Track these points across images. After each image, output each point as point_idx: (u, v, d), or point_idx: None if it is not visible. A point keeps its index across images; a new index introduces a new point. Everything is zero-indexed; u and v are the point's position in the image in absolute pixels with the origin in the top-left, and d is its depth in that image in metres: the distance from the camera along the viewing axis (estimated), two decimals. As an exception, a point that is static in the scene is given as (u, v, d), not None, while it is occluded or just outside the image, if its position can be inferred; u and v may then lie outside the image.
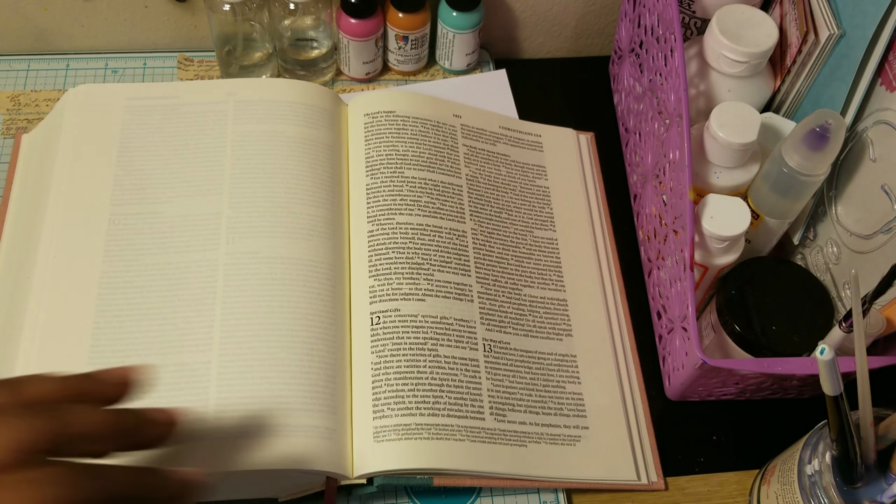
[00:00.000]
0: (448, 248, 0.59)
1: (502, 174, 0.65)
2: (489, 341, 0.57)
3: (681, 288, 0.55)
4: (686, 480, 0.58)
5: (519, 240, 0.63)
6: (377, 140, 0.63)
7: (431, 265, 0.58)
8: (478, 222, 0.62)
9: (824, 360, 0.42)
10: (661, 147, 0.60)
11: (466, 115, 0.67)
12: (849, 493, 0.47)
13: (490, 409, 0.54)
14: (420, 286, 0.56)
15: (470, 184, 0.63)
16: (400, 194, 0.60)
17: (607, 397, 0.58)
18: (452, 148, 0.64)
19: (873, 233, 0.55)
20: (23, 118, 0.68)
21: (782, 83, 0.63)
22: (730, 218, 0.55)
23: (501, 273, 0.60)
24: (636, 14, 0.67)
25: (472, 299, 0.58)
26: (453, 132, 0.65)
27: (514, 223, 0.63)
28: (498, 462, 0.53)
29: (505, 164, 0.66)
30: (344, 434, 0.51)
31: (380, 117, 0.64)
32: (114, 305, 0.53)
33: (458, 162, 0.64)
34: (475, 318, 0.57)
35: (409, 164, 0.62)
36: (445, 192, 0.61)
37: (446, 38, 0.72)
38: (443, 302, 0.56)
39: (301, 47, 0.70)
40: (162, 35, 0.73)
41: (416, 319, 0.55)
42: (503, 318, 0.58)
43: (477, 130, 0.67)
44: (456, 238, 0.60)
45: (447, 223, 0.60)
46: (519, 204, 0.65)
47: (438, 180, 0.62)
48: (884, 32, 0.53)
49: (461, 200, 0.62)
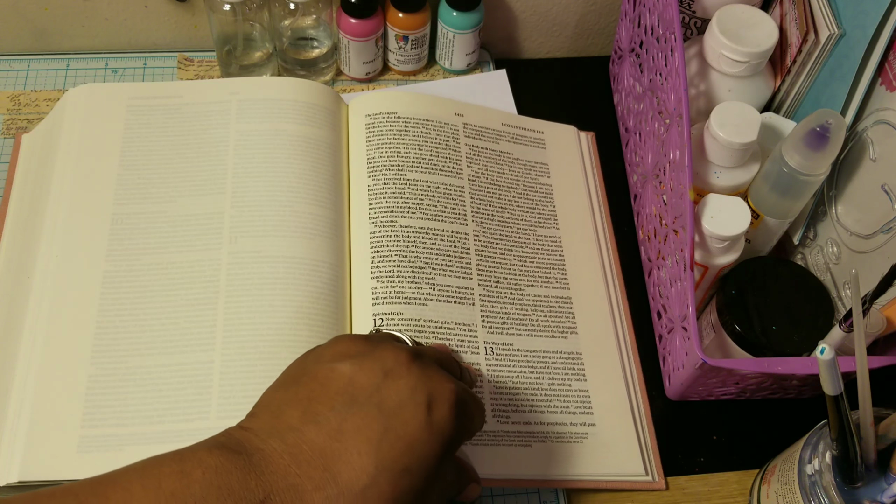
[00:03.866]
0: (450, 251, 0.59)
1: (505, 172, 0.65)
2: (491, 344, 0.57)
3: (681, 288, 0.55)
4: (686, 480, 0.58)
5: (522, 239, 0.63)
6: (379, 141, 0.62)
7: (433, 269, 0.58)
8: (480, 223, 0.62)
9: (824, 360, 0.42)
10: (662, 147, 0.60)
11: (468, 113, 0.67)
12: (849, 493, 0.47)
13: (493, 412, 0.54)
14: (422, 290, 0.56)
15: (472, 184, 0.63)
16: (402, 197, 0.60)
17: (613, 394, 0.58)
18: (454, 148, 0.64)
19: (873, 233, 0.55)
20: (23, 118, 0.68)
21: (782, 83, 0.63)
22: (730, 218, 0.55)
23: (504, 274, 0.60)
24: (636, 14, 0.67)
25: (473, 302, 0.58)
26: (455, 132, 0.65)
27: (516, 222, 0.63)
28: (501, 463, 0.53)
29: (507, 162, 0.66)
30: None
31: (381, 118, 0.64)
32: (116, 305, 0.53)
33: (461, 162, 0.64)
34: (476, 322, 0.57)
35: (410, 166, 0.62)
36: (447, 195, 0.61)
37: (446, 38, 0.72)
38: (444, 306, 0.56)
39: (301, 47, 0.70)
40: (162, 35, 0.73)
41: (418, 324, 0.55)
42: (506, 319, 0.58)
43: (479, 129, 0.67)
44: (458, 241, 0.60)
45: (449, 226, 0.60)
46: (522, 202, 0.65)
47: (440, 182, 0.62)
48: (884, 32, 0.53)
49: (463, 202, 0.62)
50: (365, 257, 0.58)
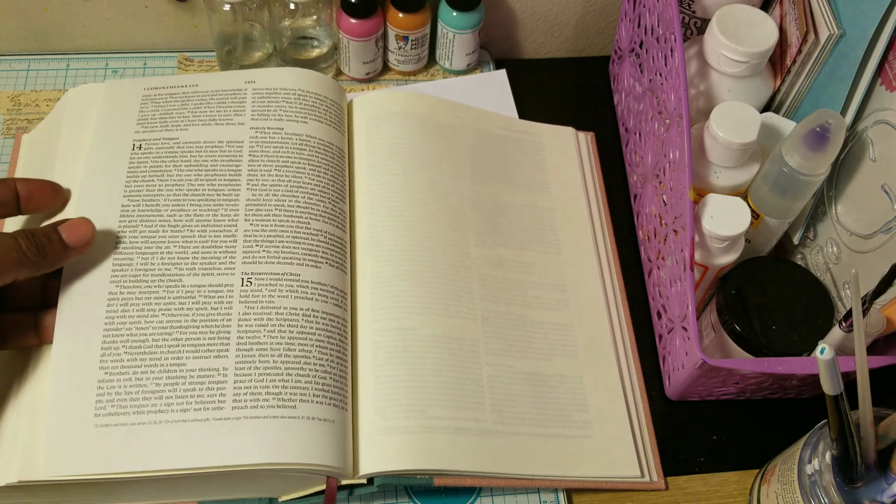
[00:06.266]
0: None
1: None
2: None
3: (681, 288, 0.55)
4: (686, 480, 0.58)
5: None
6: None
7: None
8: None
9: (824, 360, 0.42)
10: (661, 147, 0.60)
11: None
12: (849, 493, 0.47)
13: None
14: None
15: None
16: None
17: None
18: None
19: (873, 232, 0.55)
20: (23, 118, 0.68)
21: (782, 83, 0.63)
22: (730, 218, 0.55)
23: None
24: (636, 14, 0.67)
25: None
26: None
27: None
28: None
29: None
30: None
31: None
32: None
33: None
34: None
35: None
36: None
37: (446, 38, 0.72)
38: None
39: (301, 47, 0.70)
40: (162, 35, 0.73)
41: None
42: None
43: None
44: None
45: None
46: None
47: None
48: (884, 32, 0.53)
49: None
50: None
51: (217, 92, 0.60)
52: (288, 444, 0.48)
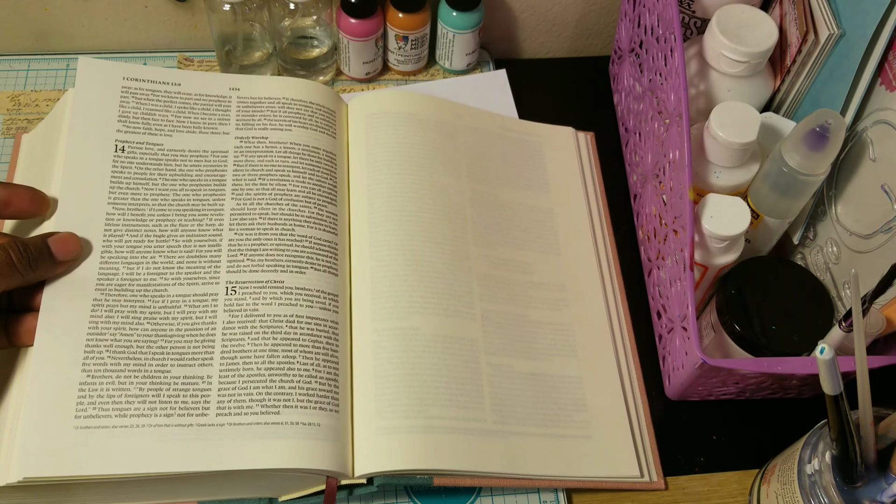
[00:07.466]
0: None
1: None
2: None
3: (681, 288, 0.55)
4: (686, 480, 0.58)
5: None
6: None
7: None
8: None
9: (824, 360, 0.42)
10: (661, 147, 0.60)
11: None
12: (849, 493, 0.47)
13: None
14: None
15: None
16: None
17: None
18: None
19: (873, 232, 0.55)
20: (23, 118, 0.68)
21: (782, 83, 0.63)
22: (730, 218, 0.55)
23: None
24: (636, 14, 0.67)
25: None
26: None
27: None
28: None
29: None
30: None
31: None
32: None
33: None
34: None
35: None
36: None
37: (446, 38, 0.72)
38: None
39: (301, 47, 0.70)
40: (162, 35, 0.73)
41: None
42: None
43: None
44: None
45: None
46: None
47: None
48: (884, 32, 0.53)
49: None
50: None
51: (201, 96, 0.60)
52: (268, 448, 0.48)
